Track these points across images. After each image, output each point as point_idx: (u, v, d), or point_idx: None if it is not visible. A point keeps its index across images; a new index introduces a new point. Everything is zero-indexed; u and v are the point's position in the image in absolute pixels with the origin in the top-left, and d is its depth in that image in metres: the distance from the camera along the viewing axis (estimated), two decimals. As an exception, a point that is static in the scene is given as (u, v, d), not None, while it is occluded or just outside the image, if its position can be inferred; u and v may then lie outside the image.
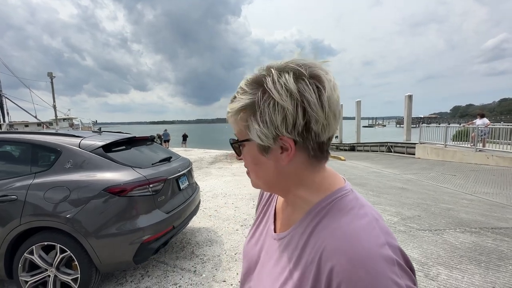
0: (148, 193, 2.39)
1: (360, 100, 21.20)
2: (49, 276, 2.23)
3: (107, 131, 3.39)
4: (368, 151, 17.04)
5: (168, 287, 2.48)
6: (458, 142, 10.61)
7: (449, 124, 12.62)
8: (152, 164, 2.73)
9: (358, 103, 20.77)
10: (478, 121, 9.54)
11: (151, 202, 2.42)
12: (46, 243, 2.23)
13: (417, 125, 15.01)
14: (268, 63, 0.47)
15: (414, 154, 11.96)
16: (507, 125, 8.64)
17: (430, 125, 12.30)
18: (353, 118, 21.78)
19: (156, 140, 3.58)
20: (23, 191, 2.22)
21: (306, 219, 0.48)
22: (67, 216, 2.13)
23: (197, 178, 5.70)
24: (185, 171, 3.13)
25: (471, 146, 9.42)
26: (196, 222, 4.04)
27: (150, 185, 2.41)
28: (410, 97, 15.18)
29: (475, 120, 9.80)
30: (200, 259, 2.97)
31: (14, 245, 2.25)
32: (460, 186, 6.03)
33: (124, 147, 2.77)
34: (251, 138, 0.47)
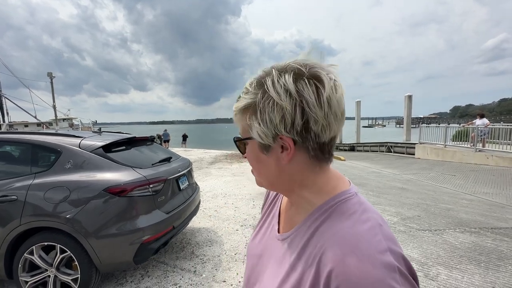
0: (148, 193, 2.39)
1: (360, 100, 21.21)
2: (49, 276, 2.23)
3: (107, 131, 3.39)
4: (368, 151, 17.05)
5: (168, 287, 2.48)
6: (458, 142, 10.62)
7: (449, 124, 12.64)
8: (152, 165, 2.74)
9: (358, 103, 20.78)
10: (478, 121, 9.55)
11: (151, 202, 2.42)
12: (46, 243, 2.23)
13: (417, 125, 15.02)
14: (273, 64, 0.47)
15: (414, 154, 11.97)
16: (507, 125, 8.65)
17: (430, 125, 12.31)
18: (353, 118, 21.80)
19: (156, 140, 3.58)
20: (23, 191, 2.22)
21: (308, 221, 0.49)
22: (67, 216, 2.13)
23: (197, 178, 5.71)
24: (185, 171, 3.13)
25: (471, 146, 9.43)
26: (196, 222, 4.04)
27: (150, 185, 2.41)
28: (410, 97, 15.20)
29: (475, 120, 9.81)
30: (200, 259, 2.97)
31: (14, 246, 2.25)
32: (460, 186, 6.04)
33: (124, 147, 2.77)
34: (253, 137, 0.48)
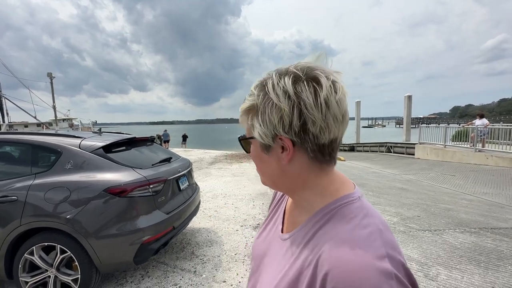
0: (148, 194, 2.39)
1: (360, 101, 21.24)
2: (50, 277, 2.24)
3: (107, 132, 3.39)
4: (368, 152, 17.06)
5: (168, 287, 2.49)
6: (458, 143, 10.62)
7: (449, 125, 12.65)
8: (152, 165, 2.74)
9: (358, 104, 20.80)
10: (478, 122, 9.56)
11: (151, 203, 2.42)
12: (47, 244, 2.23)
13: (417, 126, 15.03)
14: (278, 67, 0.49)
15: (414, 155, 11.98)
16: (507, 126, 8.66)
17: (430, 126, 12.32)
18: (353, 119, 21.84)
19: (156, 141, 3.58)
20: (24, 192, 2.22)
21: (310, 223, 0.49)
22: (68, 217, 2.14)
23: (197, 179, 5.71)
24: (185, 172, 3.13)
25: (471, 147, 9.44)
26: (196, 223, 4.04)
27: (150, 186, 2.41)
28: (410, 98, 15.22)
29: (475, 121, 9.82)
30: (200, 260, 2.98)
31: (15, 246, 2.25)
32: (460, 187, 6.05)
33: (124, 148, 2.77)
34: (254, 137, 0.50)
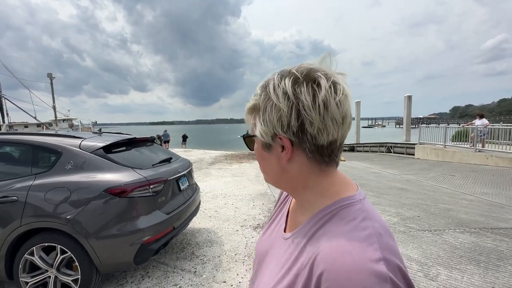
0: (149, 194, 2.40)
1: (360, 101, 21.24)
2: (50, 277, 2.24)
3: (107, 132, 3.39)
4: (368, 152, 17.06)
5: (169, 288, 2.48)
6: (458, 143, 10.63)
7: (449, 125, 12.64)
8: (153, 165, 2.74)
9: (358, 104, 20.80)
10: (477, 122, 9.56)
11: (152, 203, 2.42)
12: (47, 244, 2.23)
13: (417, 126, 15.02)
14: (282, 68, 0.50)
15: (414, 155, 11.98)
16: (507, 126, 8.66)
17: (430, 126, 12.32)
18: (353, 119, 21.53)
19: (156, 141, 3.58)
20: (24, 192, 2.22)
21: (309, 223, 0.50)
22: (68, 217, 2.14)
23: (197, 179, 5.71)
24: (185, 172, 3.13)
25: (471, 147, 9.44)
26: (196, 223, 4.04)
27: (151, 186, 2.41)
28: (410, 98, 15.21)
29: (475, 121, 9.82)
30: (200, 260, 2.98)
31: (15, 246, 2.25)
32: (460, 187, 6.05)
33: (125, 148, 2.77)
34: (256, 135, 0.52)
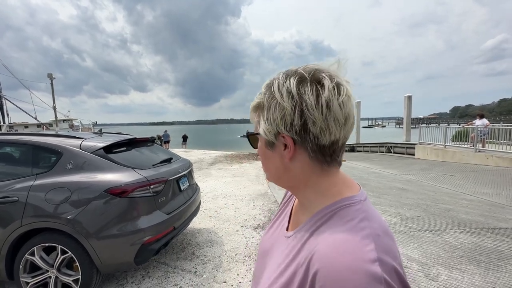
0: (149, 194, 2.40)
1: (360, 101, 21.23)
2: (50, 277, 2.24)
3: (107, 132, 3.40)
4: (368, 152, 17.05)
5: (169, 288, 2.48)
6: (458, 143, 10.62)
7: (449, 125, 12.63)
8: (153, 165, 2.74)
9: (358, 104, 20.80)
10: (478, 122, 9.56)
11: (152, 203, 2.42)
12: (47, 244, 2.23)
13: (417, 126, 15.01)
14: (288, 68, 0.51)
15: (414, 155, 11.97)
16: (507, 126, 8.66)
17: (430, 126, 12.31)
18: (352, 119, 21.76)
19: (156, 141, 3.59)
20: (24, 193, 2.22)
21: (309, 223, 0.50)
22: (68, 217, 2.14)
23: (197, 179, 5.71)
24: (186, 172, 3.13)
25: (471, 147, 9.43)
26: (197, 223, 4.05)
27: (151, 186, 2.42)
28: (410, 98, 15.20)
29: (475, 121, 9.81)
30: (201, 260, 2.98)
31: (15, 247, 2.26)
32: (460, 187, 6.04)
33: (125, 149, 2.77)
34: (259, 133, 0.53)
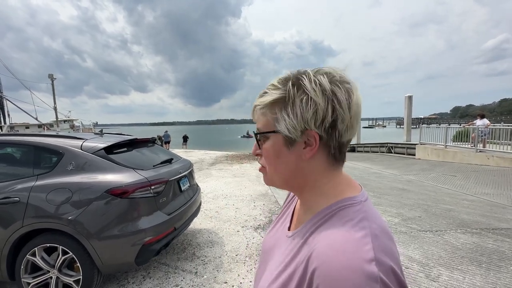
0: (150, 195, 2.40)
1: (360, 101, 21.20)
2: (51, 278, 2.24)
3: (108, 133, 3.40)
4: (369, 152, 17.02)
5: (170, 289, 2.48)
6: (459, 143, 10.61)
7: (449, 125, 12.61)
8: (154, 166, 2.74)
9: (358, 104, 20.77)
10: (478, 122, 9.54)
11: (153, 204, 2.43)
12: (48, 245, 2.24)
13: (417, 126, 14.99)
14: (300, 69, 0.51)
15: (415, 155, 11.95)
16: (508, 126, 8.64)
17: (430, 126, 12.29)
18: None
19: (157, 142, 3.59)
20: (26, 193, 2.23)
21: (310, 222, 0.50)
22: (69, 218, 2.14)
23: (198, 180, 5.71)
24: (186, 173, 3.14)
25: (472, 147, 9.42)
26: (197, 224, 4.05)
27: (152, 187, 2.42)
28: (410, 98, 15.18)
29: (475, 121, 9.79)
30: (201, 261, 2.98)
31: (17, 247, 2.26)
32: (461, 187, 6.04)
33: (126, 149, 2.78)
34: (279, 130, 0.49)
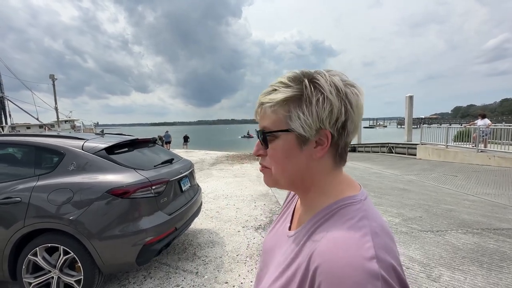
0: (151, 195, 2.41)
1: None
2: (53, 278, 2.25)
3: (109, 133, 3.41)
4: (369, 152, 17.01)
5: (171, 289, 2.49)
6: (460, 143, 10.58)
7: (450, 125, 12.58)
8: (154, 166, 2.75)
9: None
10: (480, 122, 9.52)
11: (154, 204, 2.43)
12: (50, 245, 2.24)
13: (418, 126, 14.96)
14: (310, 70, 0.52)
15: (415, 155, 11.93)
16: (509, 126, 8.63)
17: (431, 126, 12.27)
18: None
19: (158, 142, 3.59)
20: (27, 193, 2.24)
21: (311, 222, 0.51)
22: (70, 218, 2.15)
23: (199, 180, 5.71)
24: (187, 173, 3.14)
25: (473, 147, 9.40)
26: (198, 224, 4.05)
27: (153, 187, 2.42)
28: (411, 98, 15.15)
29: (477, 121, 9.77)
30: (202, 261, 2.98)
31: (18, 247, 2.27)
32: (462, 187, 6.03)
33: (127, 149, 2.78)
34: (292, 129, 0.48)
